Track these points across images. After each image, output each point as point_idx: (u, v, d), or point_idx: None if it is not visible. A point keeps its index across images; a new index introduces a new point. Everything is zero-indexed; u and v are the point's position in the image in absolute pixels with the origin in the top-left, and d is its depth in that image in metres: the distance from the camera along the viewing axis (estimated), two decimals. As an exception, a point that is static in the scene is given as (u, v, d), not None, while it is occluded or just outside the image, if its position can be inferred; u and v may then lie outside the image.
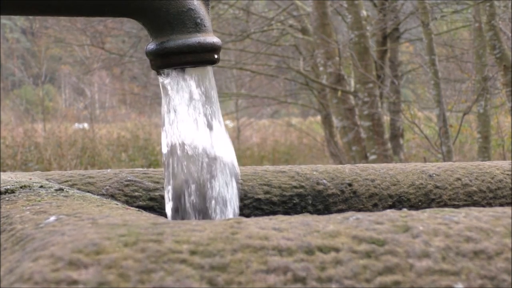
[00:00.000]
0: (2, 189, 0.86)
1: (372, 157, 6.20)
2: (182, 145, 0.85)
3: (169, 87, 0.87)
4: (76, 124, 12.85)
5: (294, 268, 0.46)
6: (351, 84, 6.84)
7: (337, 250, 0.48)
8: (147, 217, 0.65)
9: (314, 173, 1.13)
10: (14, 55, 20.18)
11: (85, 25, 9.08)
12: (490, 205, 1.15)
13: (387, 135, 6.61)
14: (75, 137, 10.38)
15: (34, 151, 9.49)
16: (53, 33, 11.32)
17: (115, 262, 0.45)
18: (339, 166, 1.19)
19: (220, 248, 0.47)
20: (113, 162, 9.56)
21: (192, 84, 0.86)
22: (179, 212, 0.84)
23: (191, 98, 0.86)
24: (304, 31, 8.28)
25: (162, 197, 1.04)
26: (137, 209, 0.80)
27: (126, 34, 9.53)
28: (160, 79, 0.88)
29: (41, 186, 0.89)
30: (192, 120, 0.85)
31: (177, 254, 0.46)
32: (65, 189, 0.87)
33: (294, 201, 1.09)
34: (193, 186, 0.85)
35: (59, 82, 21.23)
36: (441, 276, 0.46)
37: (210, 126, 0.86)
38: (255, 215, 1.04)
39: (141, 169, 1.12)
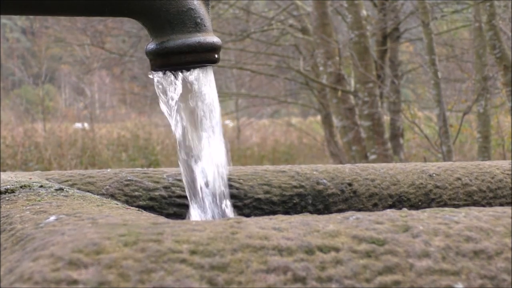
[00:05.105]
0: (2, 189, 0.86)
1: (372, 156, 6.20)
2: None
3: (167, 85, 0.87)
4: (76, 124, 12.84)
5: (294, 268, 0.46)
6: (351, 84, 6.83)
7: (337, 249, 0.48)
8: (147, 217, 0.65)
9: (314, 172, 1.13)
10: (14, 54, 20.17)
11: (85, 25, 9.08)
12: (490, 204, 1.15)
13: (387, 135, 6.61)
14: (75, 136, 10.38)
15: (34, 151, 9.49)
16: (53, 32, 11.32)
17: (115, 262, 0.45)
18: (339, 165, 1.19)
19: (220, 247, 0.47)
20: (113, 162, 9.55)
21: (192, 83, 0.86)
22: None
23: (190, 97, 0.86)
24: (304, 31, 8.28)
25: (162, 197, 1.04)
26: (137, 209, 0.80)
27: (126, 34, 9.53)
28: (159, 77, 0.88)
29: (41, 186, 0.89)
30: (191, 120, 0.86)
31: (177, 254, 0.46)
32: (65, 189, 0.87)
33: (294, 201, 1.09)
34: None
35: (59, 82, 21.22)
36: (441, 275, 0.46)
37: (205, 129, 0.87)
38: (255, 215, 1.04)
39: (141, 169, 1.12)
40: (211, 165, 0.86)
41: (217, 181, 0.86)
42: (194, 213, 0.87)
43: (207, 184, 0.86)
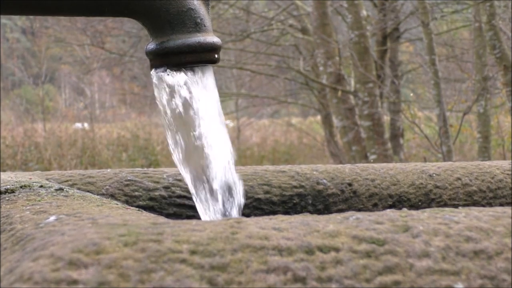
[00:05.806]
0: (2, 189, 0.86)
1: (372, 157, 6.20)
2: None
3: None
4: (76, 124, 12.83)
5: (294, 268, 0.46)
6: (351, 84, 6.83)
7: (337, 250, 0.48)
8: (147, 217, 0.65)
9: (314, 173, 1.13)
10: (14, 55, 20.18)
11: (85, 25, 9.08)
12: (490, 205, 1.15)
13: (387, 135, 6.61)
14: (75, 137, 10.38)
15: (34, 151, 9.49)
16: (53, 33, 11.32)
17: (115, 262, 0.45)
18: (339, 166, 1.19)
19: (220, 248, 0.47)
20: (113, 162, 9.55)
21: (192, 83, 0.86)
22: None
23: (191, 97, 0.86)
24: (304, 31, 8.29)
25: (162, 197, 1.04)
26: (137, 209, 0.80)
27: (126, 34, 9.53)
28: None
29: (41, 186, 0.89)
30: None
31: (177, 254, 0.46)
32: (65, 189, 0.87)
33: (294, 201, 1.09)
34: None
35: (59, 82, 21.22)
36: (441, 276, 0.46)
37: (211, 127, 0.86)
38: (255, 215, 1.04)
39: (141, 169, 1.12)
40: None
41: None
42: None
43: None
